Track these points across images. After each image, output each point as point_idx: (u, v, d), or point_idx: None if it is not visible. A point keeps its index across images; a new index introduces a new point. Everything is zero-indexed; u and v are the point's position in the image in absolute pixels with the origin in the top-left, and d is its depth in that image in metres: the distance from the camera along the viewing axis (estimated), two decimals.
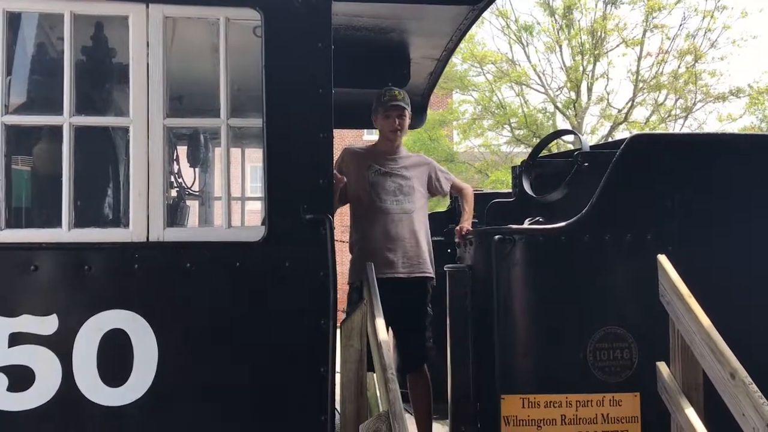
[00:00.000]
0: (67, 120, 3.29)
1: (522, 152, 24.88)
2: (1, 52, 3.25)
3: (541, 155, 5.05)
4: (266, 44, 3.44)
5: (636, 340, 3.76)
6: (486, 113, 23.74)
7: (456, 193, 4.88)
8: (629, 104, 23.33)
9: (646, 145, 3.98)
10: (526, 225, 4.17)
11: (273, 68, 3.44)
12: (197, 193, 5.79)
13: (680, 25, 23.36)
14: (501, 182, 20.97)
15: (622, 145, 3.90)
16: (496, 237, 3.81)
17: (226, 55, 3.45)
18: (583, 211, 3.82)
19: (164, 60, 3.37)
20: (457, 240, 4.50)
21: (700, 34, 22.52)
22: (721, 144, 4.17)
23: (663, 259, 3.58)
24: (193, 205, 5.97)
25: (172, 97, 3.55)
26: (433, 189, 4.64)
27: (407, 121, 4.58)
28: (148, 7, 3.36)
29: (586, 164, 4.12)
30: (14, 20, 3.46)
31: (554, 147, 18.51)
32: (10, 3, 3.29)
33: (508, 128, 23.94)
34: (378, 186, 4.42)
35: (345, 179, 4.35)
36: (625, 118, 23.34)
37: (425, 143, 22.53)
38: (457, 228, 4.45)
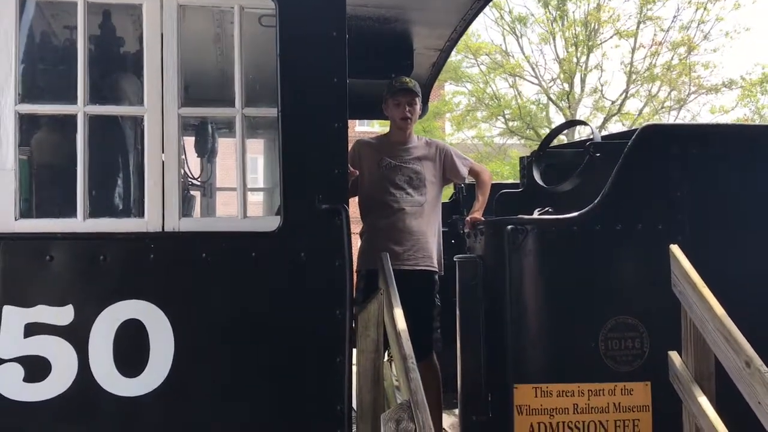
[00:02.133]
0: (81, 109, 3.26)
1: (515, 144, 24.95)
2: (14, 39, 3.22)
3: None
4: (281, 33, 3.42)
5: (647, 330, 3.79)
6: (480, 105, 23.75)
7: (473, 178, 4.78)
8: (623, 96, 23.41)
9: (658, 136, 4.00)
10: (536, 215, 4.18)
11: (287, 57, 3.42)
12: (203, 184, 5.77)
13: (674, 17, 23.42)
14: (495, 173, 20.99)
15: (634, 136, 3.91)
16: (509, 227, 3.82)
17: (241, 45, 3.42)
18: (595, 202, 3.83)
19: (179, 49, 3.35)
20: (466, 230, 4.50)
21: (693, 25, 22.62)
22: (733, 134, 4.19)
23: (675, 248, 3.60)
24: (197, 196, 5.95)
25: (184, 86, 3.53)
26: (449, 176, 4.61)
27: (418, 108, 4.57)
28: None
29: (598, 154, 4.13)
30: (24, 9, 3.42)
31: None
32: None
33: (502, 120, 23.96)
34: (388, 179, 4.42)
35: (357, 172, 4.34)
36: (619, 110, 23.41)
37: (419, 135, 22.50)
38: (468, 218, 4.45)
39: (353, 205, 4.20)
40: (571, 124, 8.33)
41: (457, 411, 4.77)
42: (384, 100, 4.64)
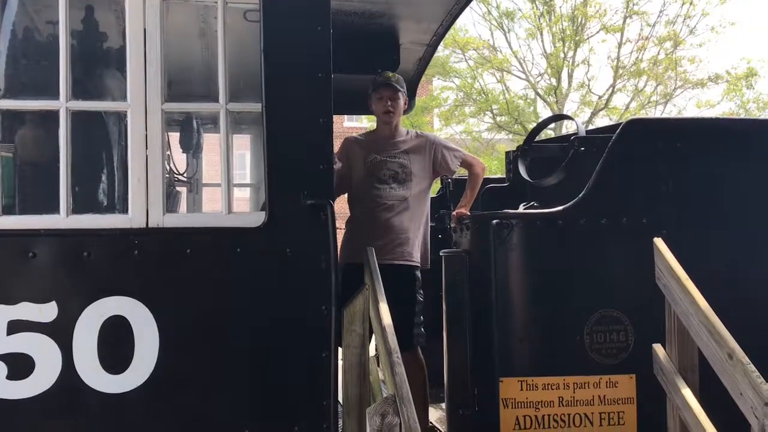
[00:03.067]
0: (63, 104, 3.24)
1: (503, 138, 25.00)
2: None
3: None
4: (265, 28, 3.41)
5: (632, 323, 3.81)
6: (468, 100, 23.78)
7: (465, 169, 4.75)
8: (609, 91, 23.50)
9: (642, 130, 4.01)
10: (521, 210, 4.19)
11: (271, 52, 3.41)
12: (187, 180, 5.75)
13: (660, 12, 23.51)
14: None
15: (618, 130, 3.93)
16: (494, 222, 3.83)
17: (225, 40, 3.41)
18: (580, 196, 3.84)
19: (162, 44, 3.33)
20: (452, 225, 4.51)
21: (679, 20, 22.73)
22: (717, 128, 4.21)
23: (659, 242, 3.62)
24: (182, 192, 5.92)
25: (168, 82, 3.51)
26: (439, 169, 4.60)
27: (401, 103, 4.56)
28: None
29: (582, 148, 4.14)
30: (7, 5, 3.40)
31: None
32: None
33: (490, 115, 24.00)
34: (373, 174, 4.42)
35: (340, 164, 4.34)
36: (606, 105, 23.51)
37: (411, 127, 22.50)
38: (454, 213, 4.45)
39: (340, 201, 4.20)
40: (557, 118, 8.36)
41: (444, 405, 4.79)
42: (368, 96, 4.64)
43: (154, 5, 3.33)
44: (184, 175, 5.57)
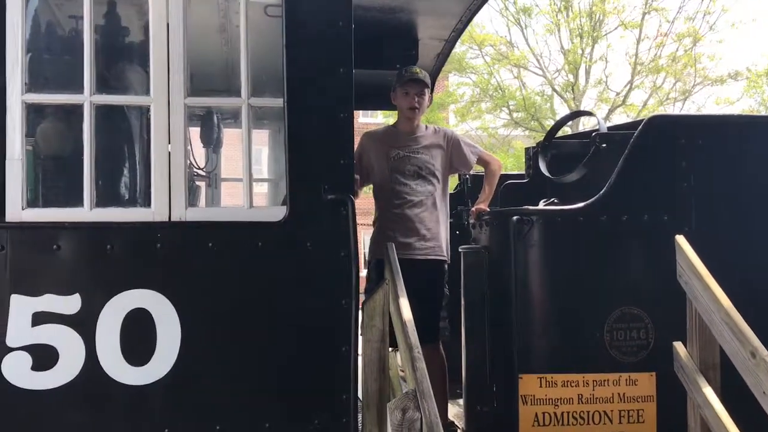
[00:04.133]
0: (87, 98, 3.27)
1: (519, 135, 24.88)
2: (21, 29, 3.22)
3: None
4: (287, 23, 3.42)
5: (652, 320, 3.79)
6: (484, 96, 23.69)
7: (482, 167, 4.76)
8: (627, 87, 23.33)
9: (664, 126, 3.99)
10: (541, 206, 4.18)
11: (294, 48, 3.42)
12: (208, 174, 5.78)
13: (679, 8, 23.31)
14: None
15: (640, 126, 3.91)
16: (514, 218, 3.82)
17: (247, 35, 3.42)
18: (601, 192, 3.83)
19: (185, 38, 3.35)
20: (471, 221, 4.50)
21: (698, 16, 22.51)
22: (740, 125, 4.18)
23: (681, 239, 3.60)
24: (202, 186, 5.95)
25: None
26: (457, 165, 4.61)
27: (426, 99, 4.57)
28: None
29: (604, 145, 4.12)
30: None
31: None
32: None
33: (507, 111, 23.90)
34: (397, 170, 4.43)
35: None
36: (623, 101, 23.34)
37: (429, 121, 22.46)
38: (473, 209, 4.45)
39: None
40: (577, 114, 8.34)
41: (461, 401, 4.79)
42: (393, 89, 4.64)
43: (178, 1, 3.34)
44: (204, 169, 5.60)
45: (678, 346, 3.55)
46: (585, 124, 19.12)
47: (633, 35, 23.09)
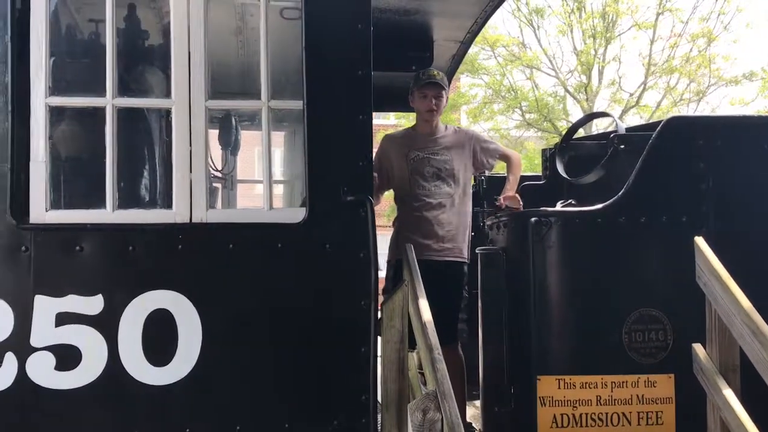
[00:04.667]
0: (109, 101, 3.30)
1: (532, 136, 24.82)
2: (46, 33, 3.26)
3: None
4: (307, 26, 3.44)
5: (671, 322, 3.79)
6: (496, 97, 23.64)
7: (503, 161, 4.79)
8: (641, 88, 23.22)
9: (683, 127, 3.99)
10: (559, 207, 4.18)
11: (313, 50, 3.44)
12: (225, 176, 5.82)
13: (693, 8, 23.17)
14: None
15: (659, 127, 3.91)
16: (533, 219, 3.83)
17: (267, 37, 3.44)
18: (620, 194, 3.83)
19: (205, 42, 3.38)
20: (488, 223, 4.51)
21: (713, 17, 22.37)
22: (757, 126, 4.16)
23: (700, 240, 3.60)
24: (219, 188, 5.99)
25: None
26: (478, 165, 4.63)
27: (444, 101, 4.59)
28: None
29: (622, 146, 4.12)
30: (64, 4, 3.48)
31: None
32: None
33: (519, 112, 23.84)
34: (417, 172, 4.45)
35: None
36: (637, 102, 23.22)
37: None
38: (503, 197, 4.41)
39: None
40: (595, 116, 8.32)
41: (477, 402, 4.80)
42: (410, 92, 4.67)
43: (198, 3, 3.37)
44: (222, 171, 5.64)
45: (697, 347, 3.54)
46: (598, 126, 19.07)
47: (647, 36, 23.00)
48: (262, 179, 7.15)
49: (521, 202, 4.38)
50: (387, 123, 23.26)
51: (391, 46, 4.96)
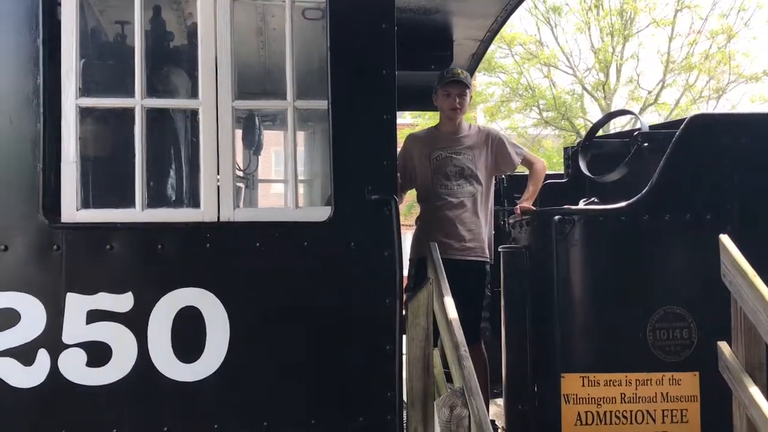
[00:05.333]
0: (138, 102, 3.35)
1: (550, 134, 24.73)
2: (76, 35, 3.32)
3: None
4: (331, 26, 3.47)
5: (695, 320, 3.78)
6: (514, 95, 23.58)
7: (526, 167, 4.77)
8: (659, 86, 23.06)
9: (707, 125, 3.97)
10: (582, 206, 4.18)
11: (338, 50, 3.47)
12: (248, 176, 5.87)
13: (713, 5, 22.97)
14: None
15: (682, 125, 3.90)
16: (556, 218, 3.84)
17: (292, 37, 3.48)
18: (643, 191, 3.83)
19: (232, 43, 3.42)
20: (510, 221, 4.52)
21: (732, 13, 22.19)
22: None
23: (725, 238, 3.58)
24: (242, 188, 6.04)
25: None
26: (501, 166, 4.62)
27: (468, 100, 4.60)
28: None
29: (646, 144, 4.11)
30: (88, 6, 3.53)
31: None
32: None
33: (537, 110, 23.77)
34: (440, 171, 4.46)
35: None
36: (655, 100, 23.07)
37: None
38: (518, 206, 4.44)
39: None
40: (619, 113, 8.31)
41: (498, 400, 4.81)
42: (434, 91, 4.68)
43: (225, 5, 3.41)
44: (245, 171, 5.69)
45: (723, 345, 3.53)
46: (615, 125, 18.96)
47: (665, 33, 22.86)
48: (282, 179, 7.25)
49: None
50: (403, 122, 23.27)
51: (411, 46, 4.97)
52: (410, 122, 21.78)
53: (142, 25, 3.39)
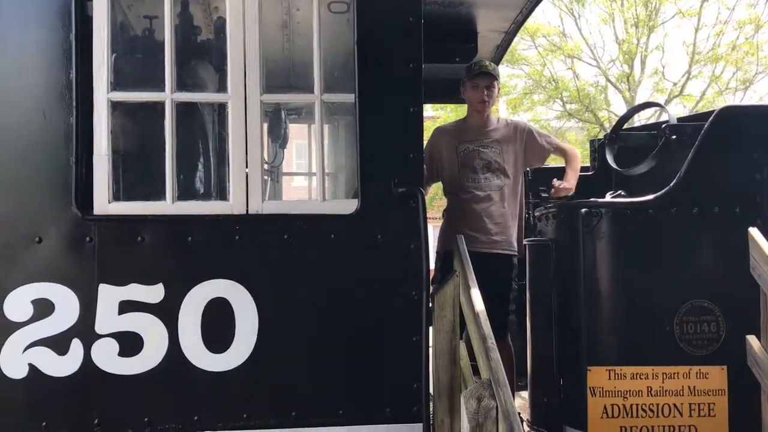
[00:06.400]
0: (168, 96, 3.39)
1: (573, 126, 24.55)
2: (108, 31, 3.37)
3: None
4: (358, 19, 3.49)
5: (723, 314, 3.75)
6: (537, 87, 23.43)
7: (560, 156, 4.72)
8: (685, 77, 22.77)
9: (736, 117, 3.93)
10: (609, 198, 4.16)
11: (365, 44, 3.49)
12: (274, 169, 5.92)
13: None
14: (552, 158, 20.66)
15: (711, 117, 3.86)
16: (583, 210, 3.82)
17: (320, 32, 3.50)
18: (671, 184, 3.80)
19: (260, 37, 3.45)
20: (536, 214, 4.51)
21: (761, 2, 21.81)
22: None
23: (754, 231, 3.57)
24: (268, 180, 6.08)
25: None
26: (531, 158, 4.60)
27: (496, 92, 4.59)
28: None
29: (674, 137, 4.08)
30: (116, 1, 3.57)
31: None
32: None
33: (560, 103, 23.59)
34: (467, 164, 4.46)
35: None
36: (680, 92, 22.80)
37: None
38: (560, 184, 4.37)
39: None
40: (646, 106, 8.21)
41: (523, 393, 4.82)
42: (462, 83, 4.68)
43: (253, 1, 3.44)
44: (272, 164, 5.74)
45: (752, 339, 3.51)
46: (639, 117, 18.74)
47: (691, 24, 22.55)
48: (306, 171, 7.27)
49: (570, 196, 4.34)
50: (425, 114, 23.19)
51: (436, 38, 4.97)
52: (432, 114, 21.76)
53: (172, 20, 3.43)
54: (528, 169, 5.55)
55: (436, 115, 22.50)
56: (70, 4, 3.32)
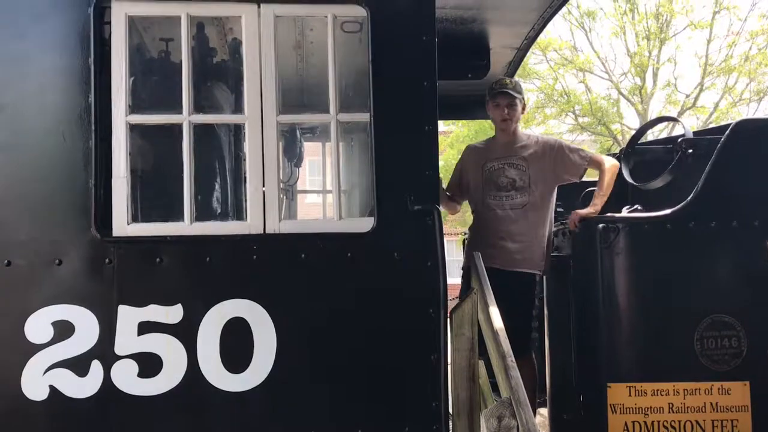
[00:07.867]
0: (186, 118, 3.42)
1: (586, 140, 24.48)
2: (125, 54, 3.41)
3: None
4: (372, 39, 3.50)
5: (744, 329, 3.72)
6: (549, 101, 23.41)
7: (595, 169, 4.52)
8: (697, 89, 22.69)
9: (753, 130, 3.92)
10: (624, 213, 4.14)
11: (379, 62, 3.50)
12: (290, 188, 5.94)
13: (753, 5, 22.55)
14: None
15: (727, 131, 3.85)
16: (600, 226, 3.81)
17: (335, 52, 3.52)
18: (689, 198, 3.79)
19: (276, 58, 3.48)
20: (553, 230, 4.49)
21: None
22: None
23: None
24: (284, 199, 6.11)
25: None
26: (562, 173, 4.47)
27: (519, 109, 4.57)
28: (259, 7, 3.47)
29: (690, 151, 4.06)
30: (133, 24, 3.61)
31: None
32: (131, 8, 3.44)
33: (572, 116, 23.55)
34: (491, 182, 4.45)
35: None
36: (693, 104, 22.70)
37: (486, 132, 22.37)
38: (575, 214, 4.22)
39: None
40: (661, 120, 8.18)
41: (542, 410, 4.78)
42: (486, 102, 4.70)
43: (269, 23, 3.48)
44: (287, 183, 5.77)
45: None
46: (653, 131, 18.67)
47: (703, 35, 22.54)
48: (320, 189, 7.27)
49: None
50: (439, 130, 23.20)
51: (448, 55, 5.00)
52: (444, 129, 21.78)
53: (188, 43, 3.46)
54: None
55: (448, 130, 22.55)
56: (89, 28, 3.36)
